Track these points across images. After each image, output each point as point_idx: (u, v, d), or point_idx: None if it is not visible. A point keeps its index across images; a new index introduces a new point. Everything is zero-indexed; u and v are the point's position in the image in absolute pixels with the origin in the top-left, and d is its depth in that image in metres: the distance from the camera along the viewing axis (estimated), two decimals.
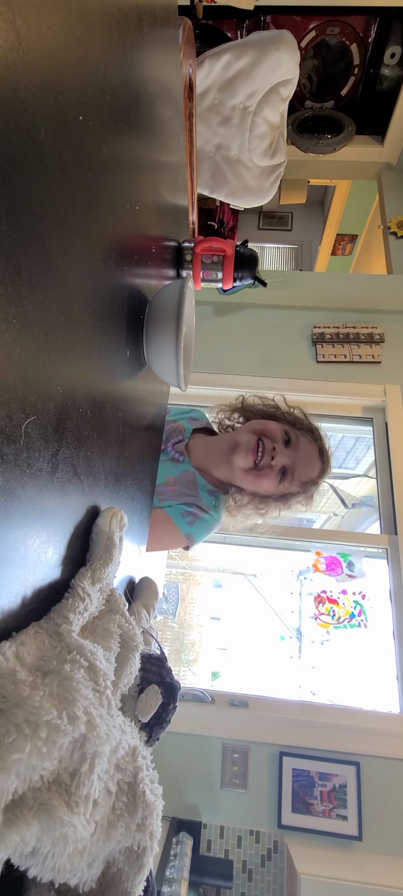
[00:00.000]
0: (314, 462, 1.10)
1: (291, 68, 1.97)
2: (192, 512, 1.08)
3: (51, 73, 0.27)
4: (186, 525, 1.07)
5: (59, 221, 0.30)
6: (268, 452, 1.05)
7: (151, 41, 0.53)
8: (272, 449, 1.05)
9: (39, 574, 0.33)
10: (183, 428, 1.22)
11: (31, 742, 0.23)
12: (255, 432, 1.07)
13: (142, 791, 0.35)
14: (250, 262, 0.86)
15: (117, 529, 0.45)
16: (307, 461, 1.08)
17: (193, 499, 1.09)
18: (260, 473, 1.06)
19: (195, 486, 1.11)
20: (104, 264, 0.41)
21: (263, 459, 1.05)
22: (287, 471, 1.06)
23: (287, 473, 1.07)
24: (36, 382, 0.29)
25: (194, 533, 1.08)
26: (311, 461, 1.09)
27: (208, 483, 1.12)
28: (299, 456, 1.07)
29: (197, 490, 1.10)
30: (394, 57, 2.98)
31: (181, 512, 1.07)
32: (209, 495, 1.11)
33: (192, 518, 1.07)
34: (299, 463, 1.07)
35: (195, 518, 1.07)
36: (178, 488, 1.09)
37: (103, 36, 0.36)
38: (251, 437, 1.07)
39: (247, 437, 1.07)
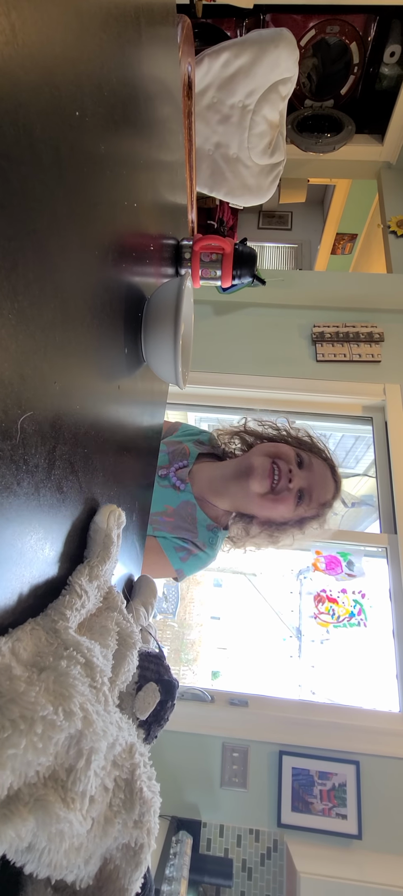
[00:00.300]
0: (328, 483, 1.06)
1: (290, 66, 1.97)
2: (186, 548, 1.04)
3: (47, 67, 0.27)
4: (178, 560, 1.03)
5: (55, 217, 0.30)
6: (285, 475, 1.00)
7: (149, 38, 0.53)
8: (288, 472, 1.00)
9: (36, 571, 0.32)
10: (188, 451, 1.16)
11: (26, 738, 0.23)
12: (269, 455, 1.03)
13: (140, 788, 0.35)
14: (249, 260, 0.86)
15: (115, 527, 0.45)
16: (322, 482, 1.05)
17: (190, 534, 1.04)
18: (278, 498, 1.01)
19: (193, 520, 1.06)
20: (102, 261, 0.41)
21: (280, 483, 1.00)
22: (304, 494, 1.02)
23: (304, 496, 1.02)
24: (32, 378, 0.29)
25: (185, 568, 1.04)
26: (326, 482, 1.06)
27: (208, 517, 1.07)
28: (314, 477, 1.03)
29: (195, 525, 1.06)
30: (394, 56, 2.98)
31: (175, 546, 1.04)
32: (207, 531, 1.06)
33: (186, 554, 1.04)
34: (315, 484, 1.03)
35: (188, 554, 1.04)
36: (175, 521, 1.04)
37: (100, 32, 0.36)
38: (265, 460, 1.02)
39: (262, 460, 1.02)
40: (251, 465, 1.02)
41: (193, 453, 1.15)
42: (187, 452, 1.15)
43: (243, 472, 1.03)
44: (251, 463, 1.02)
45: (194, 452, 1.15)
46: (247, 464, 1.03)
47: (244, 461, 1.06)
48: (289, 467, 1.00)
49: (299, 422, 1.18)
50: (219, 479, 1.08)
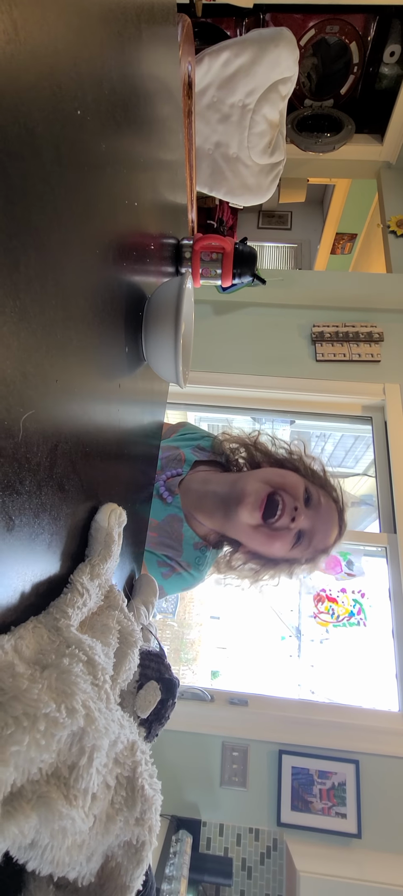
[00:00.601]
0: (333, 528, 0.93)
1: (290, 66, 1.98)
2: (170, 565, 0.95)
3: (48, 65, 0.27)
4: (160, 577, 0.95)
5: (56, 215, 0.30)
6: (289, 512, 0.87)
7: (150, 37, 0.53)
8: (293, 508, 0.87)
9: (38, 569, 0.33)
10: (183, 457, 1.05)
11: (29, 734, 0.23)
12: (269, 483, 0.90)
13: (141, 785, 0.35)
14: (249, 259, 0.86)
15: (116, 525, 0.45)
16: (326, 527, 0.92)
17: (174, 552, 0.95)
18: (274, 534, 0.88)
19: (179, 538, 0.95)
20: (102, 259, 0.41)
21: (282, 519, 0.87)
22: (303, 535, 0.90)
23: (303, 538, 0.90)
24: (34, 377, 0.29)
25: (167, 586, 0.96)
26: (330, 527, 0.93)
27: (196, 535, 0.97)
28: (320, 520, 0.91)
29: (180, 543, 0.95)
30: (394, 55, 2.99)
31: (157, 561, 0.95)
32: (194, 550, 0.96)
33: (168, 570, 0.95)
34: (318, 528, 0.91)
35: (171, 571, 0.95)
36: (159, 536, 0.94)
37: (101, 30, 0.36)
38: (262, 487, 0.89)
39: (257, 486, 0.90)
40: (243, 491, 0.90)
41: (189, 461, 1.04)
42: (182, 459, 1.04)
43: (235, 496, 0.91)
44: (244, 488, 0.91)
45: (190, 460, 1.04)
46: (240, 488, 0.91)
47: (239, 484, 0.93)
48: (295, 504, 0.88)
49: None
50: (210, 497, 0.96)
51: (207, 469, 1.05)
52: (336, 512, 0.94)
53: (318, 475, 0.97)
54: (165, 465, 1.03)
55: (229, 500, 0.92)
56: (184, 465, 1.02)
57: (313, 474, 0.96)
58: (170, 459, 1.04)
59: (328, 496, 0.94)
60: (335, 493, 0.96)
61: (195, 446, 1.08)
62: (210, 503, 0.96)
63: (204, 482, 0.99)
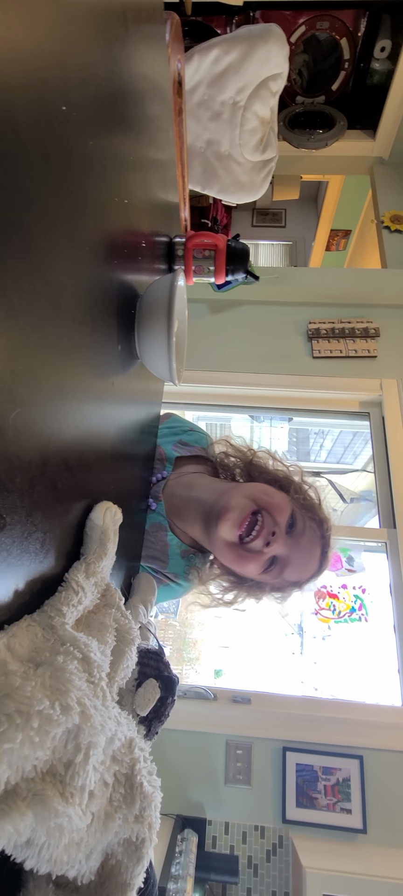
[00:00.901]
0: (311, 564, 0.87)
1: (280, 62, 1.97)
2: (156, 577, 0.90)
3: (32, 62, 0.27)
4: None
5: (43, 213, 0.30)
6: (265, 535, 0.81)
7: (137, 35, 0.53)
8: (271, 532, 0.82)
9: (32, 568, 0.32)
10: (164, 456, 0.97)
11: (22, 732, 0.23)
12: (255, 500, 0.84)
13: (140, 783, 0.35)
14: (241, 255, 0.86)
15: (111, 523, 0.45)
16: (304, 560, 0.86)
17: (159, 564, 0.90)
18: (246, 555, 0.83)
19: (165, 547, 0.90)
20: (92, 257, 0.41)
21: (255, 541, 0.82)
22: (276, 562, 0.84)
23: (275, 565, 0.84)
24: (23, 374, 0.29)
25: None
26: (308, 562, 0.87)
27: (183, 543, 0.92)
28: (298, 550, 0.85)
29: (166, 553, 0.90)
30: (384, 51, 2.99)
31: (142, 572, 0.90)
32: (181, 559, 0.91)
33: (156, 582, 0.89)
34: (294, 559, 0.85)
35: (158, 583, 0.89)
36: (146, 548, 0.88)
37: (86, 28, 0.36)
38: (246, 503, 0.84)
39: (242, 502, 0.84)
40: (227, 506, 0.84)
41: (170, 458, 0.97)
42: (163, 458, 0.97)
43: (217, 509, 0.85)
44: (228, 502, 0.85)
45: (171, 457, 0.97)
46: (225, 502, 0.85)
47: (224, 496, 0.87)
48: (274, 528, 0.82)
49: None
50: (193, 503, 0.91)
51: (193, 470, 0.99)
52: (320, 548, 0.87)
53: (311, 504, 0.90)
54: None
55: (211, 512, 0.87)
56: (165, 464, 0.97)
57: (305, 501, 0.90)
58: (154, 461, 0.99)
59: (314, 529, 0.87)
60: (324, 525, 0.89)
61: (176, 441, 1.01)
62: (192, 511, 0.91)
63: (189, 487, 0.94)
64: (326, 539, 0.88)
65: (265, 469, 0.96)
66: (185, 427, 1.06)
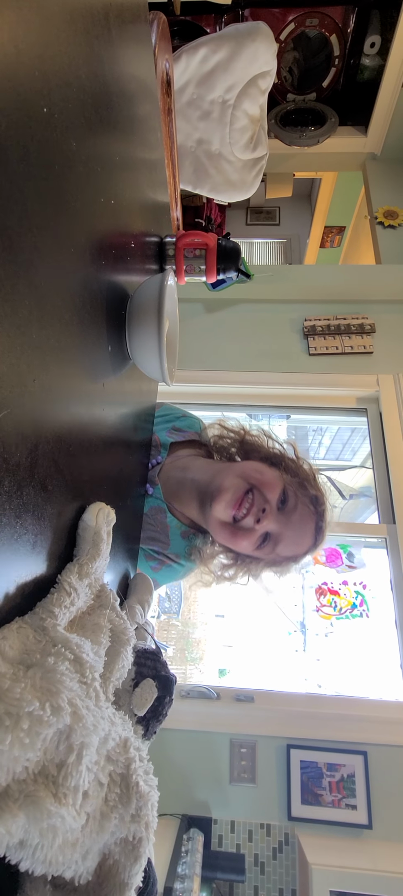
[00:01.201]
0: (304, 539, 0.88)
1: (269, 60, 1.98)
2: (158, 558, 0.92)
3: (9, 64, 0.27)
4: (150, 570, 0.92)
5: (26, 214, 0.30)
6: (254, 512, 0.83)
7: (120, 36, 0.53)
8: (261, 510, 0.83)
9: (23, 570, 0.32)
10: (159, 442, 0.99)
11: (12, 733, 0.23)
12: (247, 479, 0.86)
13: (136, 782, 0.35)
14: (232, 254, 0.86)
15: (104, 524, 0.45)
16: (297, 536, 0.87)
17: (161, 545, 0.92)
18: (238, 532, 0.85)
19: (165, 528, 0.92)
20: (79, 258, 0.41)
21: (246, 519, 0.84)
22: (269, 538, 0.86)
23: (268, 541, 0.86)
24: (8, 376, 0.29)
25: (159, 578, 0.93)
26: (301, 537, 0.87)
27: (183, 524, 0.94)
28: (290, 527, 0.86)
29: (167, 534, 0.92)
30: (374, 46, 2.99)
31: (145, 555, 0.92)
32: (181, 539, 0.93)
33: (158, 564, 0.92)
34: (286, 535, 0.86)
35: (161, 564, 0.92)
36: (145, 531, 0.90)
37: (65, 28, 0.36)
38: (239, 483, 0.85)
39: (235, 482, 0.85)
40: (221, 486, 0.86)
41: (165, 444, 0.99)
42: (158, 444, 0.99)
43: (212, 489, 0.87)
44: (221, 482, 0.86)
45: (166, 443, 0.99)
46: (219, 482, 0.87)
47: (218, 477, 0.89)
48: (264, 505, 0.83)
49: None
50: (189, 484, 0.93)
51: (187, 453, 1.01)
52: (313, 523, 0.88)
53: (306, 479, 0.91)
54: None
55: (206, 492, 0.89)
56: (160, 450, 0.98)
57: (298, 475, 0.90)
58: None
59: (307, 504, 0.88)
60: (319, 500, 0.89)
61: (170, 428, 1.03)
62: (187, 492, 0.92)
63: (184, 469, 0.95)
64: (320, 514, 0.88)
65: (259, 446, 0.97)
66: (178, 414, 1.08)
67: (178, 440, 1.01)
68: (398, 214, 2.98)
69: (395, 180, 3.19)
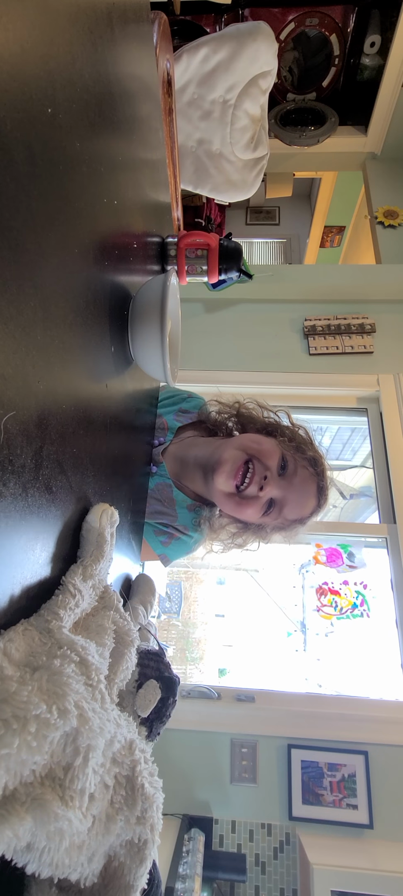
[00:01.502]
0: (308, 501, 0.91)
1: (269, 59, 1.98)
2: (167, 531, 0.94)
3: (14, 64, 0.27)
4: (160, 545, 0.94)
5: (31, 215, 0.30)
6: (257, 481, 0.86)
7: (123, 35, 0.53)
8: (263, 477, 0.86)
9: (27, 572, 0.32)
10: (166, 426, 1.04)
11: (19, 737, 0.23)
12: (245, 450, 0.89)
13: (141, 784, 0.35)
14: (234, 254, 0.86)
15: (108, 525, 0.45)
16: (300, 498, 0.90)
17: (169, 518, 0.94)
18: (243, 502, 0.88)
19: (172, 502, 0.95)
20: (82, 259, 0.41)
21: (249, 488, 0.87)
22: (274, 504, 0.89)
23: (273, 507, 0.89)
24: (14, 378, 0.29)
25: (169, 553, 0.95)
26: (305, 499, 0.91)
27: (188, 497, 0.97)
28: (292, 490, 0.89)
29: (174, 507, 0.95)
30: (374, 46, 2.99)
31: (154, 531, 0.94)
32: (188, 512, 0.96)
33: (167, 538, 0.94)
34: (290, 499, 0.89)
35: (170, 538, 0.94)
36: (152, 505, 0.93)
37: (70, 28, 0.36)
38: (238, 454, 0.88)
39: (234, 454, 0.89)
40: (220, 459, 0.89)
41: (172, 427, 1.03)
42: (165, 427, 1.03)
43: (212, 463, 0.91)
44: (221, 456, 0.89)
45: (173, 427, 1.03)
46: (218, 456, 0.90)
47: (217, 451, 0.92)
48: (265, 473, 0.87)
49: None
50: (192, 462, 0.96)
51: (192, 433, 1.05)
52: (315, 484, 0.92)
53: (303, 443, 0.95)
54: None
55: (207, 466, 0.92)
56: (167, 433, 1.02)
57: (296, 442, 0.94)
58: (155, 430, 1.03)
59: (307, 465, 0.91)
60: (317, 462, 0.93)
61: (177, 411, 1.08)
62: (191, 468, 0.96)
63: (187, 447, 0.99)
64: (320, 474, 0.92)
65: (254, 417, 1.02)
66: (184, 395, 1.13)
67: (185, 422, 1.06)
68: (398, 214, 2.98)
69: (395, 180, 3.19)
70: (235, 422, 1.04)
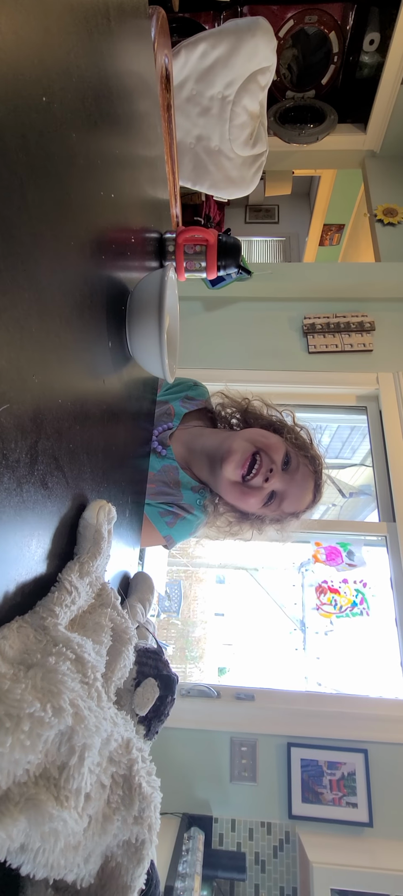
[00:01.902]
0: (305, 495, 0.98)
1: (268, 55, 1.97)
2: (173, 511, 0.99)
3: (8, 51, 0.27)
4: (165, 526, 0.98)
5: (25, 205, 0.29)
6: (263, 472, 0.93)
7: (120, 30, 0.52)
8: (268, 470, 0.93)
9: (22, 569, 0.32)
10: (173, 412, 1.09)
11: (12, 736, 0.23)
12: (253, 443, 0.95)
13: (139, 783, 0.34)
14: (233, 250, 0.85)
15: (105, 522, 0.44)
16: (299, 493, 0.97)
17: (174, 498, 0.99)
18: (248, 491, 0.94)
19: (177, 483, 1.00)
20: (79, 253, 0.40)
21: (255, 478, 0.93)
22: (274, 496, 0.95)
23: (274, 499, 0.96)
24: (8, 371, 0.28)
25: (174, 534, 0.99)
26: (304, 494, 0.98)
27: (192, 480, 1.02)
28: (294, 485, 0.96)
29: (179, 488, 1.00)
30: (373, 43, 2.99)
31: (159, 511, 0.98)
32: (193, 493, 1.01)
33: (173, 518, 0.98)
34: (291, 492, 0.96)
35: (175, 518, 0.98)
36: (157, 486, 0.98)
37: (65, 17, 0.35)
38: (247, 446, 0.94)
39: (243, 445, 0.94)
40: (230, 449, 0.94)
41: (178, 413, 1.08)
42: (172, 413, 1.08)
43: (221, 452, 0.96)
44: (230, 446, 0.95)
45: (179, 413, 1.09)
46: (228, 445, 0.95)
47: (226, 441, 0.98)
48: (271, 466, 0.93)
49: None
50: (199, 450, 1.02)
51: (197, 423, 1.11)
52: (313, 481, 0.99)
53: (305, 443, 1.02)
54: (156, 420, 1.07)
55: (215, 456, 0.97)
56: (173, 418, 1.08)
57: (299, 441, 1.01)
58: (160, 415, 1.08)
59: (307, 464, 0.98)
60: (317, 461, 1.00)
61: (183, 397, 1.13)
62: (198, 456, 1.02)
63: (195, 436, 1.05)
64: (318, 473, 1.01)
65: (260, 415, 1.08)
66: (190, 384, 1.18)
67: (191, 409, 1.11)
68: (397, 212, 2.97)
69: (394, 178, 3.18)
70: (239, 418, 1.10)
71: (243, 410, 1.10)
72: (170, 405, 1.10)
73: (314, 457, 1.00)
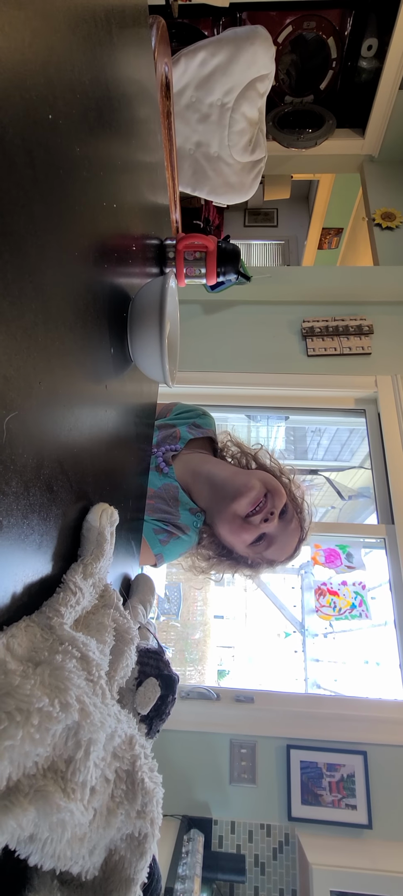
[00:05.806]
0: (287, 548, 1.02)
1: (267, 63, 1.99)
2: (167, 530, 0.99)
3: (15, 71, 0.28)
4: (157, 543, 0.98)
5: (32, 219, 0.30)
6: (265, 513, 0.96)
7: (122, 40, 0.53)
8: (270, 513, 0.96)
9: (29, 570, 0.33)
10: (178, 435, 1.12)
11: (23, 729, 0.24)
12: (267, 487, 0.98)
13: (141, 779, 0.35)
14: (232, 256, 0.86)
15: (108, 525, 0.45)
16: (286, 542, 1.01)
17: (171, 516, 1.00)
18: (244, 527, 0.96)
19: (175, 502, 1.02)
20: (82, 262, 0.41)
21: (257, 516, 0.96)
22: (264, 538, 0.98)
23: (262, 541, 0.98)
24: (16, 379, 0.29)
25: (165, 553, 1.00)
26: (289, 545, 1.02)
27: (191, 501, 1.04)
28: (285, 534, 1.00)
29: (177, 507, 1.01)
30: (371, 49, 3.01)
31: (153, 528, 0.99)
32: (190, 514, 1.02)
33: (166, 536, 0.99)
34: (280, 540, 0.99)
35: (169, 537, 0.99)
36: (156, 503, 1.00)
37: (69, 35, 0.37)
38: (261, 486, 0.98)
39: (259, 484, 0.98)
40: (247, 485, 0.97)
41: (184, 438, 1.11)
42: (178, 436, 1.11)
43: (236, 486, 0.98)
44: (248, 482, 0.98)
45: (185, 438, 1.11)
46: (244, 481, 0.99)
47: (241, 476, 1.01)
48: (272, 509, 0.97)
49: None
50: (204, 475, 1.04)
51: (202, 449, 1.14)
52: (298, 538, 1.03)
53: (299, 501, 1.06)
54: (161, 441, 1.10)
55: (226, 487, 1.00)
56: (178, 441, 1.11)
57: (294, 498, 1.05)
58: (166, 437, 1.11)
59: (298, 522, 1.03)
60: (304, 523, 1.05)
61: (190, 424, 1.16)
62: (202, 481, 1.04)
63: (203, 461, 1.08)
64: (304, 533, 1.05)
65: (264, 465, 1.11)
66: (199, 412, 1.22)
67: (197, 436, 1.14)
68: (395, 216, 2.99)
69: (393, 182, 3.20)
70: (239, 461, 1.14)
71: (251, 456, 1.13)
72: (176, 429, 1.13)
73: (304, 516, 1.05)
